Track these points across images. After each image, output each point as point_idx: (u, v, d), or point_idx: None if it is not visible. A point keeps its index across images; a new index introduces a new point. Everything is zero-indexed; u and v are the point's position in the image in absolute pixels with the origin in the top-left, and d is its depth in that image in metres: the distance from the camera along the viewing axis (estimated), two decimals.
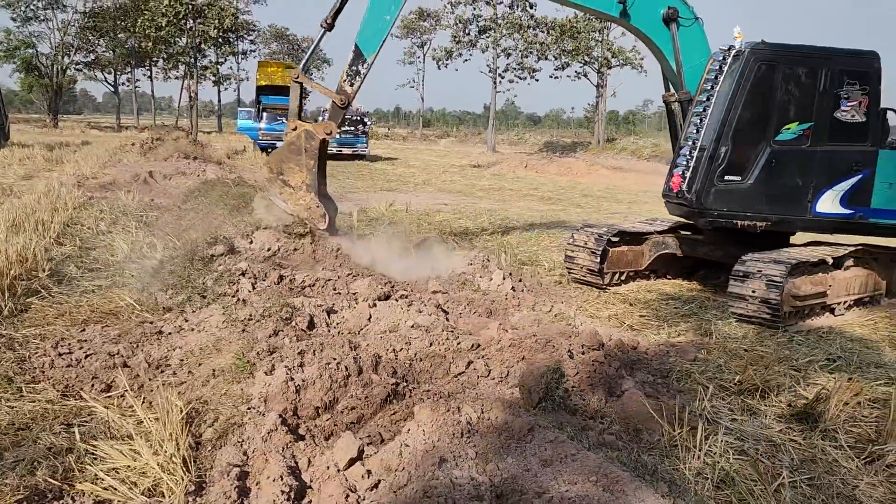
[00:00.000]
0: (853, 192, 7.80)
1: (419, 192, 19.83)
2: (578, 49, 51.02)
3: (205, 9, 31.19)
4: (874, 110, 7.73)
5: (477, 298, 6.97)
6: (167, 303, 6.49)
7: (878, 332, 7.16)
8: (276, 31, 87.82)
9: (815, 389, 5.24)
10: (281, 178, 8.30)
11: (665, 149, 48.51)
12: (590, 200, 19.70)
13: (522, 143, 66.41)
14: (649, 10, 8.47)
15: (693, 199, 7.64)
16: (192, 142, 32.38)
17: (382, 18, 8.31)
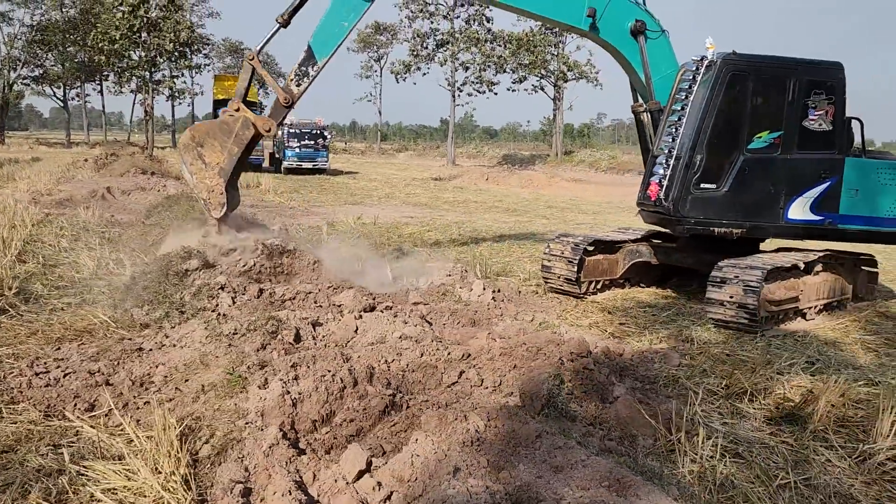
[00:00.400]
0: (822, 199, 7.99)
1: (384, 206, 19.76)
2: (535, 62, 51.66)
3: (160, 22, 30.72)
4: (840, 119, 7.94)
5: (460, 309, 6.94)
6: (144, 319, 6.33)
7: (849, 335, 7.33)
8: (230, 45, 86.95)
9: (799, 392, 5.34)
10: (198, 150, 7.95)
11: (622, 160, 49.41)
12: (554, 212, 19.88)
13: (481, 155, 66.83)
14: (617, 24, 8.60)
15: (671, 207, 7.75)
16: (148, 157, 31.77)
17: (340, 24, 8.23)
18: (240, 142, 8.02)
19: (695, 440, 4.46)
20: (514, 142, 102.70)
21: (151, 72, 32.79)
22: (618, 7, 8.56)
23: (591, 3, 8.45)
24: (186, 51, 32.47)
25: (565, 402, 4.30)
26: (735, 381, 5.40)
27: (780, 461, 4.33)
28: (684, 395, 5.35)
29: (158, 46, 29.97)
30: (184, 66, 33.86)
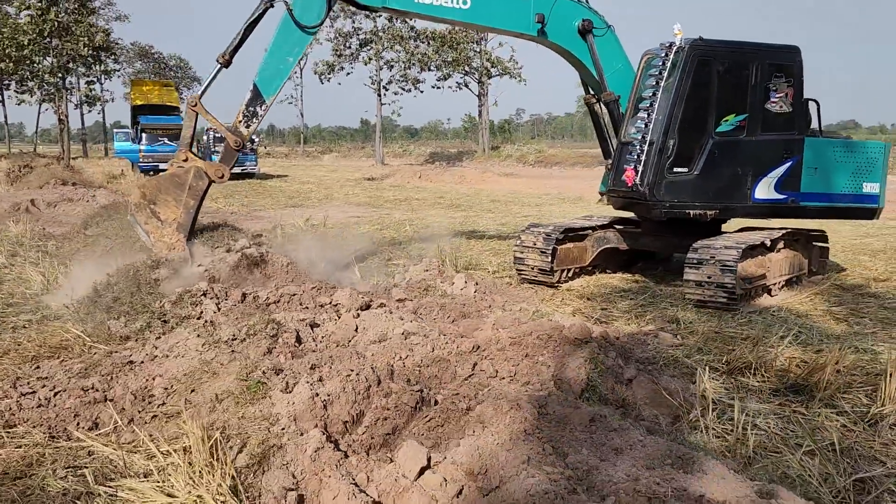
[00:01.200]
0: (785, 179, 8.25)
1: (326, 207, 19.43)
2: (458, 59, 51.92)
3: (72, 26, 29.29)
4: (798, 101, 8.21)
5: (447, 303, 6.87)
6: (123, 331, 6.00)
7: (817, 308, 7.64)
8: (140, 49, 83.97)
9: (795, 363, 5.52)
10: (151, 207, 7.68)
11: (549, 154, 50.23)
12: (498, 205, 20.00)
13: (408, 154, 66.64)
14: (565, 26, 8.73)
15: (646, 192, 7.89)
16: (65, 167, 30.28)
17: (285, 60, 8.00)
18: (195, 194, 7.75)
19: (713, 415, 4.56)
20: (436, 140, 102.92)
21: (64, 78, 31.27)
22: (563, 9, 8.68)
23: (537, 8, 8.55)
24: (101, 55, 31.09)
25: (604, 386, 4.30)
26: (735, 356, 5.52)
27: (798, 430, 4.45)
28: (688, 373, 5.45)
29: (72, 52, 28.55)
30: (100, 72, 32.44)
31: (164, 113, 35.96)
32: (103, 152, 66.60)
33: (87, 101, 32.60)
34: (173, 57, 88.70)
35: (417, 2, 8.23)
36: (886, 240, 12.45)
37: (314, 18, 7.88)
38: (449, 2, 8.29)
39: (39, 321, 6.83)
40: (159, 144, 33.67)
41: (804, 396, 4.93)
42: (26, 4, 28.36)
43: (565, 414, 3.58)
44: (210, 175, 7.85)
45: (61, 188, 21.58)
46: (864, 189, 8.43)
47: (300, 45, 7.97)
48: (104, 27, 32.87)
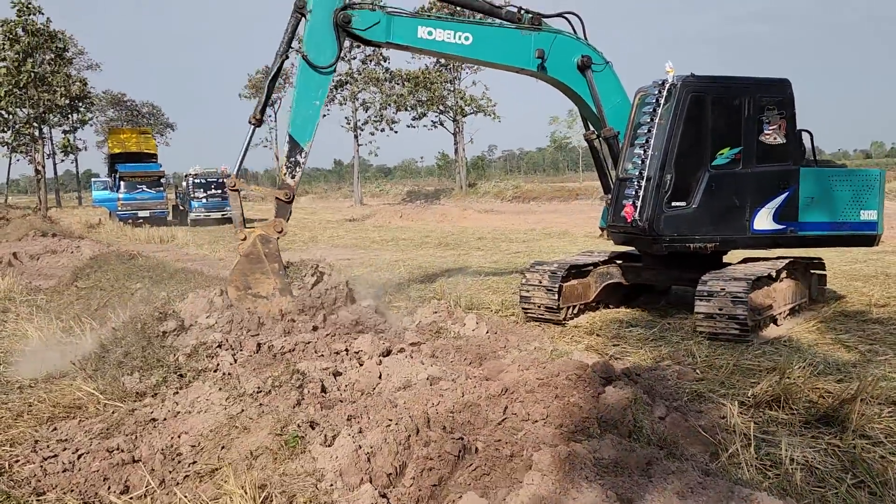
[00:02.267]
0: (783, 209, 8.34)
1: (314, 249, 19.33)
2: (433, 99, 52.49)
3: (48, 76, 29.16)
4: (792, 132, 8.36)
5: (462, 345, 6.84)
6: (138, 387, 5.85)
7: (825, 337, 7.70)
8: (112, 98, 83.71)
9: (818, 394, 5.54)
10: (250, 293, 7.73)
11: (526, 189, 50.66)
12: (485, 243, 20.05)
13: (384, 194, 66.90)
14: (564, 61, 8.90)
15: (646, 227, 7.95)
16: (43, 218, 29.91)
17: (312, 104, 8.20)
18: (273, 258, 7.89)
19: (752, 451, 4.54)
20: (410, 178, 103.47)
21: (41, 129, 31.03)
22: (562, 45, 8.87)
23: (537, 45, 8.73)
24: (79, 105, 30.94)
25: (650, 426, 4.27)
26: (762, 389, 5.53)
27: (837, 462, 4.45)
28: (714, 408, 5.43)
29: (49, 102, 28.39)
30: (78, 121, 32.25)
31: (143, 160, 35.79)
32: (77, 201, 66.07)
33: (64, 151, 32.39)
34: (146, 104, 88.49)
35: (420, 37, 8.43)
36: (875, 265, 12.66)
37: (328, 59, 8.09)
38: (451, 37, 8.51)
39: (46, 379, 6.66)
40: (138, 192, 33.45)
41: (836, 428, 4.93)
42: (1, 56, 28.24)
43: (620, 457, 3.54)
44: (273, 234, 7.97)
45: (42, 240, 21.27)
46: (862, 216, 8.52)
47: (322, 86, 8.17)
48: (80, 77, 32.81)
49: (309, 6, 8.04)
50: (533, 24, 8.76)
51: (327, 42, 8.09)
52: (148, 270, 11.95)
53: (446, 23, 8.59)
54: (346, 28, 8.13)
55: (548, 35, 8.80)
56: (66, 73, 30.09)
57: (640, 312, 9.22)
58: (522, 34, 8.73)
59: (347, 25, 8.11)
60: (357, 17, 8.15)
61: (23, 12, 28.22)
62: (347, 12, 8.06)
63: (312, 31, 8.10)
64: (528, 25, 8.76)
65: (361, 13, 8.18)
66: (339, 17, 8.03)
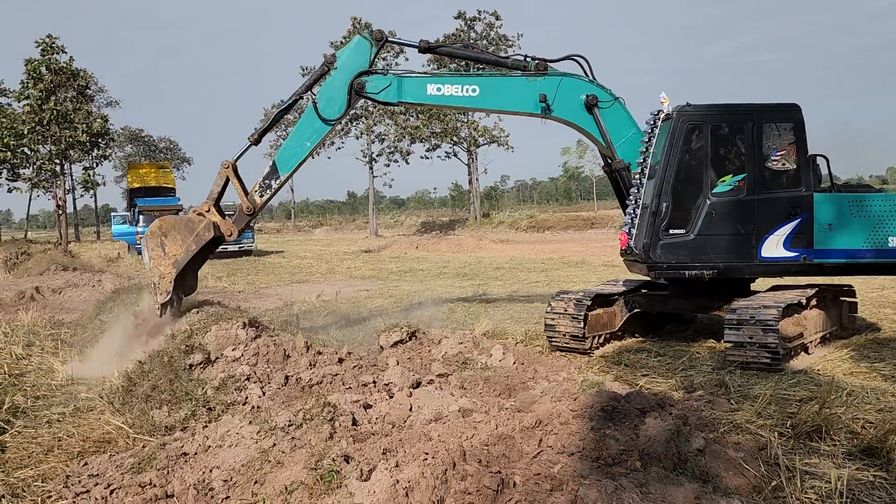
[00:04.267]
0: (795, 236, 8.21)
1: (332, 281, 19.38)
2: (446, 130, 52.85)
3: (70, 114, 29.65)
4: (803, 157, 8.26)
5: (490, 376, 6.76)
6: (167, 421, 5.84)
7: (860, 366, 7.55)
8: (130, 133, 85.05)
9: (859, 424, 5.41)
10: (162, 238, 8.62)
11: (541, 219, 50.66)
12: (503, 272, 19.99)
13: (399, 225, 67.09)
14: (570, 102, 9.04)
15: (642, 254, 8.03)
16: (63, 252, 30.17)
17: (303, 144, 8.93)
18: (198, 240, 8.67)
19: (794, 483, 4.42)
20: (424, 209, 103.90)
21: (62, 165, 31.49)
22: (567, 87, 9.04)
23: (541, 89, 8.91)
24: (99, 141, 31.41)
25: (695, 459, 4.18)
26: (801, 420, 5.41)
27: (886, 496, 4.33)
28: (752, 439, 5.31)
29: (70, 138, 28.83)
30: (99, 157, 32.73)
31: (161, 195, 36.16)
32: (95, 236, 66.75)
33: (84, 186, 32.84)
34: (163, 139, 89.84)
35: (430, 94, 8.99)
36: None
37: (335, 113, 8.86)
38: (459, 91, 8.98)
39: (73, 413, 6.67)
40: None
41: (881, 459, 4.81)
42: (25, 94, 28.77)
43: (668, 493, 3.45)
44: (220, 230, 8.77)
45: (63, 273, 21.44)
46: (891, 243, 8.23)
47: (319, 133, 8.89)
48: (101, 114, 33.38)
49: (336, 64, 8.86)
50: (538, 70, 8.99)
51: (339, 99, 8.83)
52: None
53: (454, 78, 9.12)
54: (361, 93, 8.85)
55: (553, 79, 9.00)
56: (88, 111, 30.60)
57: (667, 342, 9.10)
58: (528, 81, 8.99)
59: (362, 90, 8.82)
60: (371, 83, 8.84)
61: (46, 51, 28.87)
62: (362, 79, 8.81)
63: (330, 86, 8.87)
64: (534, 72, 9.00)
65: (374, 78, 8.88)
66: (355, 83, 8.75)
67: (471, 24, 52.26)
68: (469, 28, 52.18)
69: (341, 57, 8.97)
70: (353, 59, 8.94)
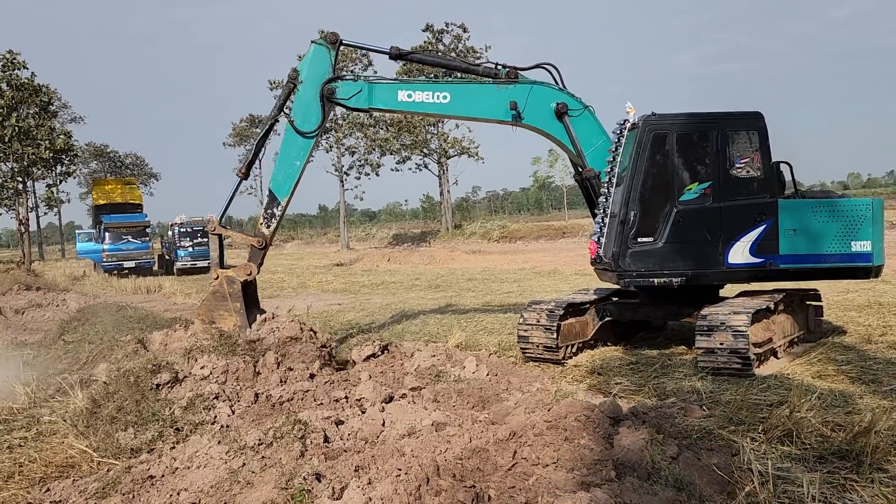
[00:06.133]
0: (761, 242, 8.25)
1: (304, 296, 19.18)
2: (417, 142, 52.91)
3: (32, 130, 29.10)
4: (767, 164, 8.31)
5: (464, 388, 6.71)
6: (132, 443, 5.69)
7: (828, 368, 7.63)
8: (95, 149, 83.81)
9: (829, 427, 5.46)
10: (214, 327, 8.60)
11: (512, 229, 50.84)
12: (476, 284, 19.97)
13: (370, 237, 66.89)
14: (540, 110, 9.15)
15: (611, 263, 8.09)
16: (27, 272, 29.52)
17: (292, 164, 9.05)
18: (236, 297, 8.76)
19: (767, 488, 4.43)
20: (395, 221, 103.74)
21: (24, 183, 30.88)
22: (538, 95, 9.15)
23: (512, 97, 8.98)
24: (63, 158, 30.87)
25: (669, 467, 4.16)
26: (772, 425, 5.44)
27: (857, 498, 4.35)
28: (725, 445, 5.32)
29: (33, 155, 28.28)
30: (63, 174, 32.15)
31: (127, 211, 35.63)
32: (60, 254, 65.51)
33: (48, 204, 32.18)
34: (129, 155, 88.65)
35: (401, 101, 9.10)
36: (868, 295, 12.69)
37: (312, 125, 8.96)
38: (430, 98, 9.08)
39: (35, 437, 6.46)
40: (123, 243, 33.22)
41: (852, 462, 4.84)
42: None
43: (643, 502, 3.43)
44: (240, 276, 8.83)
45: (26, 293, 20.96)
46: (854, 248, 8.25)
47: (304, 149, 9.03)
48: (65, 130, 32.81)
49: (300, 77, 8.91)
50: (509, 78, 9.05)
51: (313, 111, 8.95)
52: (137, 321, 11.75)
53: (425, 85, 9.19)
54: (332, 99, 8.93)
55: (524, 87, 9.09)
56: (51, 127, 30.03)
57: (639, 349, 9.13)
58: (499, 88, 9.08)
59: (332, 96, 8.89)
60: (341, 88, 8.92)
61: (7, 67, 28.33)
62: (332, 85, 8.88)
63: (300, 101, 8.94)
64: (505, 80, 9.06)
65: (344, 84, 8.97)
66: (325, 89, 8.81)
67: (439, 37, 52.48)
68: (437, 40, 52.38)
69: (303, 69, 9.01)
70: (316, 68, 8.99)
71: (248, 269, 8.90)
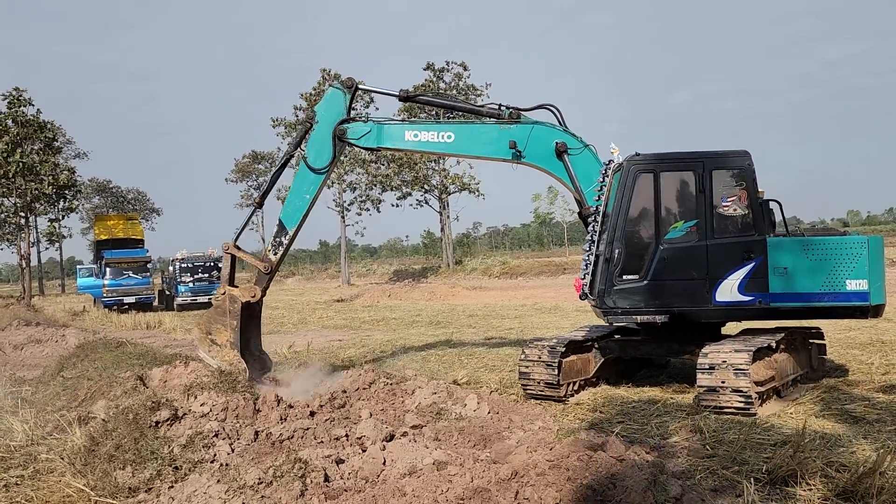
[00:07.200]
0: (749, 280, 8.17)
1: (304, 332, 19.15)
2: (417, 178, 53.18)
3: (36, 166, 29.34)
4: (754, 202, 8.27)
5: (465, 426, 6.66)
6: (130, 482, 5.62)
7: (831, 407, 7.59)
8: (98, 185, 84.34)
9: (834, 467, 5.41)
10: (210, 338, 9.28)
11: (513, 265, 50.86)
12: (477, 320, 19.93)
13: (371, 273, 66.88)
14: (540, 149, 9.26)
15: (596, 300, 8.17)
16: (26, 307, 29.51)
17: (302, 197, 9.55)
18: (234, 315, 9.23)
19: None
20: (396, 257, 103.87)
21: (27, 218, 31.02)
22: (538, 135, 9.29)
23: (513, 136, 9.18)
24: (66, 193, 31.06)
25: None
26: (775, 465, 5.39)
27: None
28: (729, 486, 5.28)
29: (36, 191, 28.47)
30: (65, 209, 32.31)
31: (129, 246, 35.71)
32: (60, 289, 65.50)
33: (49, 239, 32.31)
34: (132, 190, 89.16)
35: (408, 140, 9.52)
36: (869, 333, 12.65)
37: (324, 162, 9.48)
38: (435, 137, 9.45)
39: (33, 476, 6.39)
40: (123, 278, 33.21)
41: (857, 503, 4.80)
42: None
43: None
44: (243, 297, 9.29)
45: (26, 329, 20.92)
46: (849, 287, 8.07)
47: (315, 184, 9.52)
48: (68, 166, 33.07)
49: (317, 118, 9.53)
50: (512, 118, 9.26)
51: (326, 149, 9.42)
52: (136, 358, 11.71)
53: (430, 125, 9.61)
54: (343, 139, 9.44)
55: (525, 126, 9.26)
56: (55, 163, 30.29)
57: (641, 387, 9.08)
58: (501, 128, 9.28)
59: (344, 136, 9.40)
60: (352, 129, 9.45)
61: (13, 104, 28.67)
62: (343, 126, 9.40)
63: (315, 139, 9.49)
64: (508, 119, 9.27)
65: (355, 125, 9.50)
66: (337, 130, 9.34)
67: (440, 75, 53.12)
68: (438, 79, 53.02)
69: (320, 111, 9.56)
70: (331, 110, 9.50)
71: (253, 292, 9.36)
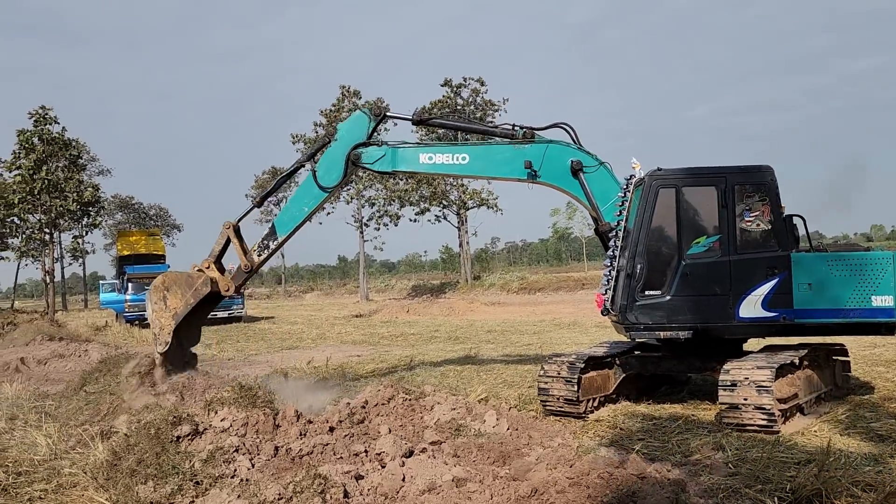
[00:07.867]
0: (773, 296, 8.11)
1: (323, 347, 19.21)
2: (435, 194, 53.30)
3: (61, 183, 29.82)
4: (778, 217, 8.24)
5: (484, 443, 6.64)
6: (152, 497, 5.67)
7: (856, 425, 7.49)
8: (120, 201, 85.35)
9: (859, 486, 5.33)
10: (164, 293, 9.33)
11: (532, 280, 50.73)
12: (495, 336, 19.90)
13: (390, 289, 66.95)
14: (556, 168, 9.31)
15: (619, 315, 8.13)
16: (50, 322, 29.86)
17: (301, 208, 9.59)
18: (196, 295, 9.28)
19: None
20: (415, 272, 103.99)
21: (51, 234, 31.49)
22: (553, 154, 9.33)
23: (528, 156, 9.21)
24: (90, 210, 31.51)
25: None
26: (799, 484, 5.32)
27: None
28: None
29: (61, 207, 28.93)
30: (89, 225, 32.77)
31: (151, 262, 36.04)
32: (83, 304, 66.22)
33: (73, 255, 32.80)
34: (153, 206, 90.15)
35: (422, 163, 9.51)
36: (895, 350, 12.46)
37: (331, 181, 9.48)
38: (450, 159, 9.48)
39: (56, 490, 6.48)
40: (146, 293, 33.45)
41: None
42: (17, 164, 28.97)
43: None
44: (218, 286, 9.43)
45: (49, 344, 21.15)
46: (874, 303, 8.02)
47: (316, 199, 9.51)
48: (93, 183, 33.59)
49: (337, 136, 9.50)
50: (526, 138, 9.30)
51: (337, 169, 9.44)
52: None
53: (445, 147, 9.62)
54: (357, 163, 9.44)
55: (540, 146, 9.30)
56: (79, 180, 30.78)
57: (662, 404, 9.01)
58: (515, 148, 9.33)
59: (358, 161, 9.42)
60: (366, 154, 9.43)
61: (39, 122, 29.22)
62: (358, 150, 9.35)
63: (329, 156, 9.48)
64: (522, 139, 9.31)
65: (370, 150, 9.46)
66: (352, 154, 9.32)
67: (457, 91, 53.34)
68: (455, 94, 53.24)
69: (341, 129, 9.58)
70: (353, 132, 9.51)
71: (227, 286, 9.54)
